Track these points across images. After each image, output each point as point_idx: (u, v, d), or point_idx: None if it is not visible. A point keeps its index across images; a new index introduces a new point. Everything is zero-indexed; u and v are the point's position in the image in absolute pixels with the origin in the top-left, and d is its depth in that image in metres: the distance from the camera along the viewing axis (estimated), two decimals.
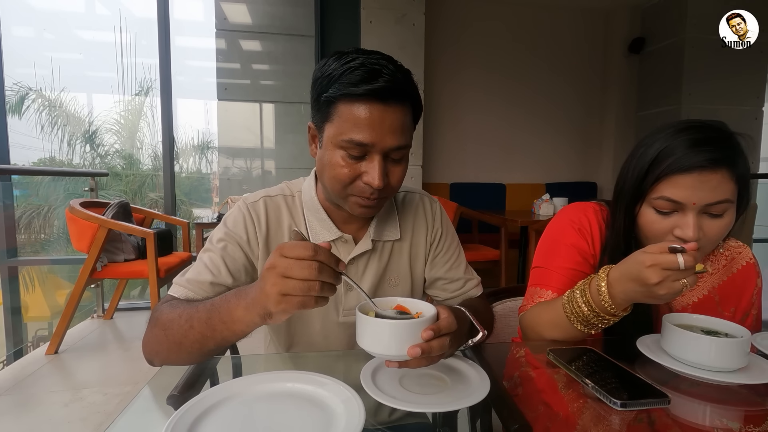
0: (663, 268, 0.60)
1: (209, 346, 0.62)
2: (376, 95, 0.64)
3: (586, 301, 0.70)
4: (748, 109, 3.96)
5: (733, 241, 0.90)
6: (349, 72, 0.65)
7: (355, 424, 0.46)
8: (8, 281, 2.93)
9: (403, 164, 0.73)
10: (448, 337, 0.55)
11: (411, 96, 0.69)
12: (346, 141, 0.66)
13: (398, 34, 3.32)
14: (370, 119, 0.65)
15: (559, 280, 0.84)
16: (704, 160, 0.68)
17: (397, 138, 0.67)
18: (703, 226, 0.71)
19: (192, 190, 7.65)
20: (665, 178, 0.71)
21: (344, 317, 0.82)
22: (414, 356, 0.52)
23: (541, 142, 4.40)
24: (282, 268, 0.50)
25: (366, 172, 0.68)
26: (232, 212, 0.80)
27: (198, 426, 0.47)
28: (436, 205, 0.91)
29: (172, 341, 0.63)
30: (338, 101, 0.67)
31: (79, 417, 1.70)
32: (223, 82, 3.32)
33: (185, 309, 0.63)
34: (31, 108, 7.05)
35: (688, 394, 0.62)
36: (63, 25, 8.54)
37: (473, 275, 0.93)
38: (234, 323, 0.58)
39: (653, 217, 0.74)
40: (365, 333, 0.55)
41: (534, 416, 0.54)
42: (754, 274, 0.87)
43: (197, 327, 0.61)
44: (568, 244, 0.86)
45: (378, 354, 0.56)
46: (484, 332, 0.65)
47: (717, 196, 0.69)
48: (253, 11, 3.31)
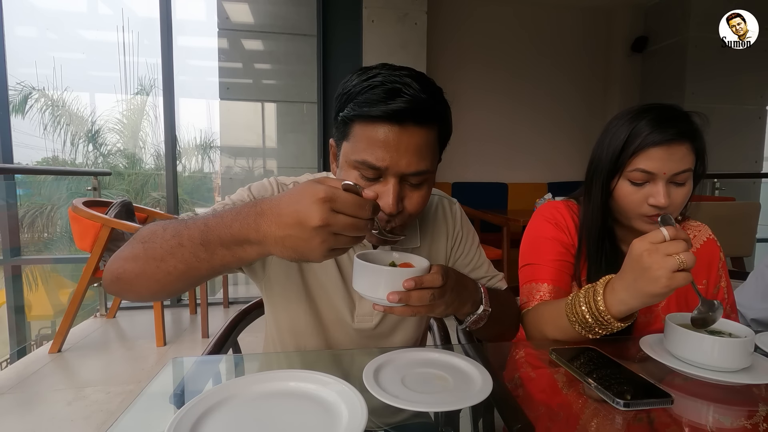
0: (650, 242, 0.63)
1: (201, 271, 0.54)
2: (392, 117, 0.60)
3: (588, 306, 0.71)
4: (751, 108, 3.95)
5: (693, 221, 0.99)
6: (368, 90, 0.61)
7: (357, 424, 0.46)
8: (12, 280, 2.94)
9: (424, 189, 0.68)
10: (431, 291, 0.57)
11: (436, 117, 0.65)
12: (360, 162, 0.63)
13: (400, 33, 3.31)
14: (384, 142, 0.61)
15: (549, 272, 0.89)
16: (672, 134, 0.77)
17: (414, 162, 0.63)
18: (671, 193, 0.80)
19: (194, 189, 7.66)
20: (639, 152, 0.80)
21: (358, 323, 0.81)
22: (392, 302, 0.55)
23: (544, 142, 4.39)
24: (338, 227, 0.47)
25: (379, 197, 0.63)
26: (261, 183, 0.77)
27: (201, 425, 0.47)
28: (456, 207, 0.90)
29: (151, 257, 0.55)
30: (354, 121, 0.63)
31: (81, 415, 1.71)
32: (225, 82, 3.33)
33: (171, 224, 0.56)
34: (34, 107, 7.08)
35: (691, 394, 0.62)
36: (66, 24, 8.57)
37: (496, 272, 0.92)
38: (242, 249, 0.51)
39: (628, 188, 0.82)
40: (358, 275, 0.59)
41: (536, 416, 0.54)
42: (717, 249, 0.96)
43: (188, 246, 0.53)
44: (549, 237, 0.92)
45: (365, 295, 0.59)
46: (488, 308, 0.66)
47: (682, 166, 0.79)
48: (255, 10, 3.31)
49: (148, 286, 0.57)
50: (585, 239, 0.90)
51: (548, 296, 0.87)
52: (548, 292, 0.87)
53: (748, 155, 3.98)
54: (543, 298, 0.87)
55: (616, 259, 0.90)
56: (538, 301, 0.87)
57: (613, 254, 0.90)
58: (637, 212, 0.82)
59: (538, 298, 0.87)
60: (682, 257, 0.60)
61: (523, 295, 0.91)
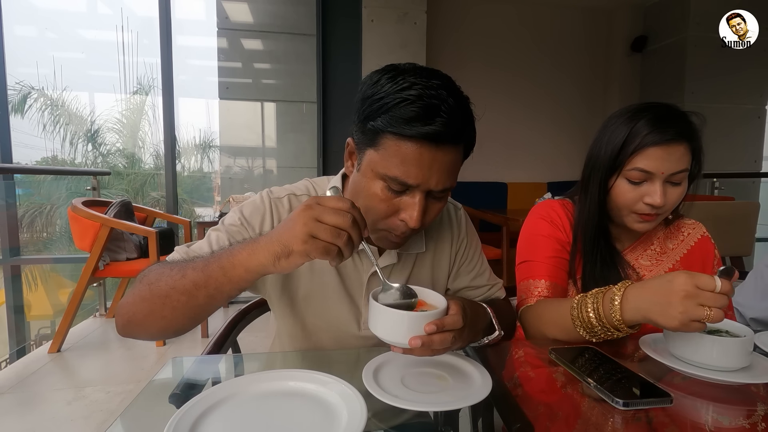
0: (696, 285, 0.60)
1: (198, 300, 0.57)
2: (428, 137, 0.59)
3: (595, 310, 0.70)
4: (750, 107, 3.95)
5: (687, 219, 0.99)
6: (404, 104, 0.58)
7: (356, 423, 0.46)
8: (11, 280, 2.94)
9: (443, 202, 0.69)
10: (452, 333, 0.56)
11: (468, 136, 0.65)
12: (390, 177, 0.62)
13: (400, 32, 3.31)
14: (419, 161, 0.60)
15: (546, 269, 0.90)
16: (671, 135, 0.78)
17: (443, 180, 0.63)
18: (667, 192, 0.81)
19: (194, 189, 7.66)
20: (638, 151, 0.80)
21: (365, 330, 0.80)
22: (414, 347, 0.54)
23: (543, 141, 4.39)
24: (317, 212, 0.52)
25: (404, 210, 0.64)
26: (254, 201, 0.76)
27: (200, 424, 0.47)
28: (461, 212, 0.89)
29: (157, 294, 0.58)
30: (386, 131, 0.60)
31: (81, 415, 1.70)
32: (224, 81, 3.33)
33: (178, 263, 0.60)
34: (33, 107, 7.07)
35: (690, 394, 0.62)
36: (65, 24, 8.57)
37: (497, 280, 0.92)
38: (234, 268, 0.55)
39: (626, 187, 0.83)
40: (375, 319, 0.57)
41: (535, 415, 0.54)
42: (711, 246, 0.96)
43: (190, 275, 0.57)
44: (545, 235, 0.93)
45: (384, 339, 0.57)
46: (500, 332, 0.65)
47: (679, 166, 0.79)
48: (255, 10, 3.31)
49: (156, 323, 0.60)
50: (581, 236, 0.91)
51: (546, 292, 0.87)
52: (546, 288, 0.88)
53: (748, 155, 3.99)
54: (541, 295, 0.87)
55: (611, 256, 0.90)
56: (537, 298, 0.87)
57: (608, 251, 0.90)
58: (630, 209, 0.84)
59: (536, 294, 0.88)
60: (711, 313, 0.58)
61: (521, 292, 0.92)
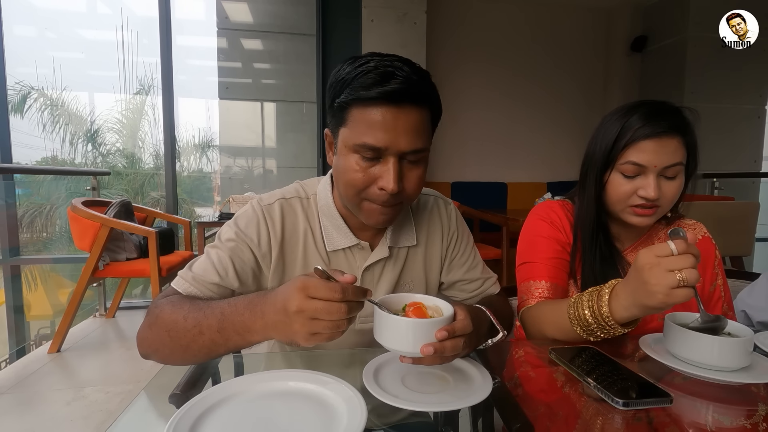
0: (655, 255, 0.61)
1: (219, 352, 0.62)
2: (388, 98, 0.63)
3: (590, 308, 0.70)
4: (750, 107, 3.95)
5: (688, 219, 0.99)
6: (362, 75, 0.64)
7: (356, 423, 0.46)
8: (11, 280, 2.94)
9: (421, 168, 0.70)
10: (463, 338, 0.55)
11: (428, 98, 0.67)
12: (360, 145, 0.65)
13: (400, 32, 3.31)
14: (383, 122, 0.64)
15: (546, 270, 0.90)
16: (662, 127, 0.79)
17: (412, 141, 0.65)
18: (661, 186, 0.81)
19: (193, 188, 7.65)
20: (631, 145, 0.81)
21: (360, 324, 0.81)
22: (426, 354, 0.53)
23: (543, 141, 4.39)
24: (311, 312, 0.51)
25: (380, 177, 0.66)
26: (246, 212, 0.77)
27: (200, 425, 0.47)
28: (451, 207, 0.90)
29: (178, 344, 0.62)
30: (351, 105, 0.65)
31: (81, 415, 1.70)
32: (224, 81, 3.33)
33: (191, 311, 0.62)
34: (33, 107, 7.06)
35: (690, 394, 0.62)
36: (65, 24, 8.55)
37: (490, 273, 0.93)
38: (251, 334, 0.58)
39: (620, 180, 0.84)
40: (382, 328, 0.56)
41: (535, 415, 0.54)
42: (712, 247, 0.96)
43: (207, 334, 0.59)
44: (545, 236, 0.93)
45: (393, 349, 0.56)
46: (504, 333, 0.65)
47: (673, 159, 0.80)
48: (255, 10, 3.31)
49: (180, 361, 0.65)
50: (580, 233, 0.91)
51: (547, 293, 0.87)
52: (546, 289, 0.88)
53: (748, 155, 3.99)
54: (542, 296, 0.87)
55: (611, 254, 0.90)
56: (538, 299, 0.87)
57: (608, 249, 0.90)
58: (626, 204, 0.84)
59: (537, 295, 0.88)
60: (684, 274, 0.58)
61: (522, 293, 0.92)
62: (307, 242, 0.78)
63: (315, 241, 0.79)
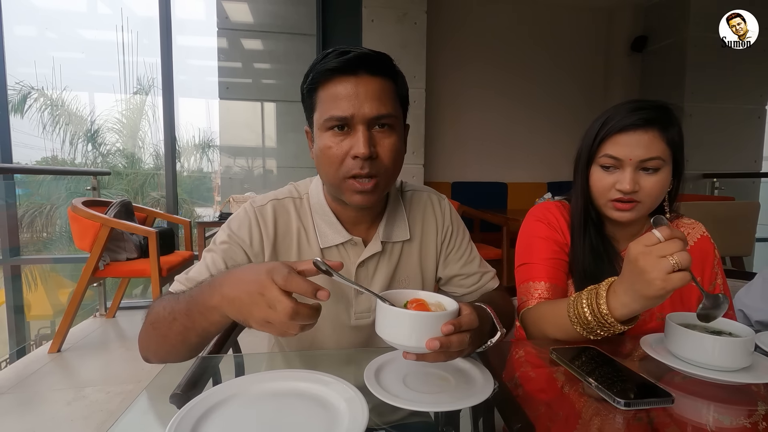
0: (644, 245, 0.61)
1: (191, 339, 0.62)
2: (346, 68, 0.67)
3: (589, 305, 0.70)
4: (751, 107, 3.95)
5: (687, 219, 0.98)
6: (322, 58, 0.69)
7: (358, 423, 0.46)
8: (11, 280, 2.94)
9: (394, 137, 0.71)
10: (468, 333, 0.54)
11: (387, 69, 0.70)
12: (328, 119, 0.68)
13: (400, 32, 3.31)
14: (345, 93, 0.67)
15: (545, 271, 0.90)
16: (637, 120, 0.80)
17: (375, 106, 0.67)
18: (640, 180, 0.81)
19: (194, 188, 7.66)
20: (608, 138, 0.83)
21: (356, 320, 0.81)
22: (432, 349, 0.51)
23: (544, 141, 4.39)
24: (269, 299, 0.50)
25: (353, 147, 0.68)
26: (238, 215, 0.78)
27: (201, 425, 0.47)
28: (445, 202, 0.91)
29: (160, 335, 0.63)
30: (317, 87, 0.70)
31: (81, 415, 1.70)
32: (224, 81, 3.33)
33: (170, 302, 0.63)
34: (33, 107, 7.06)
35: (691, 394, 0.62)
36: (65, 24, 8.56)
37: (488, 268, 0.93)
38: (210, 312, 0.57)
39: (600, 174, 0.85)
40: (385, 322, 0.54)
41: (536, 415, 0.54)
42: (711, 246, 0.96)
43: (179, 319, 0.60)
44: (543, 237, 0.93)
45: (397, 344, 0.55)
46: (502, 331, 0.65)
47: (649, 153, 0.80)
48: (255, 10, 3.31)
49: (169, 355, 0.66)
50: (576, 235, 0.91)
51: (546, 294, 0.87)
52: (546, 289, 0.88)
53: (748, 155, 3.99)
54: (542, 296, 0.87)
55: (605, 249, 0.90)
56: (538, 299, 0.87)
57: (599, 241, 0.90)
58: (606, 198, 0.84)
59: (537, 296, 0.88)
60: (676, 258, 0.59)
61: (521, 294, 0.92)
62: (300, 241, 0.79)
63: (308, 239, 0.79)
